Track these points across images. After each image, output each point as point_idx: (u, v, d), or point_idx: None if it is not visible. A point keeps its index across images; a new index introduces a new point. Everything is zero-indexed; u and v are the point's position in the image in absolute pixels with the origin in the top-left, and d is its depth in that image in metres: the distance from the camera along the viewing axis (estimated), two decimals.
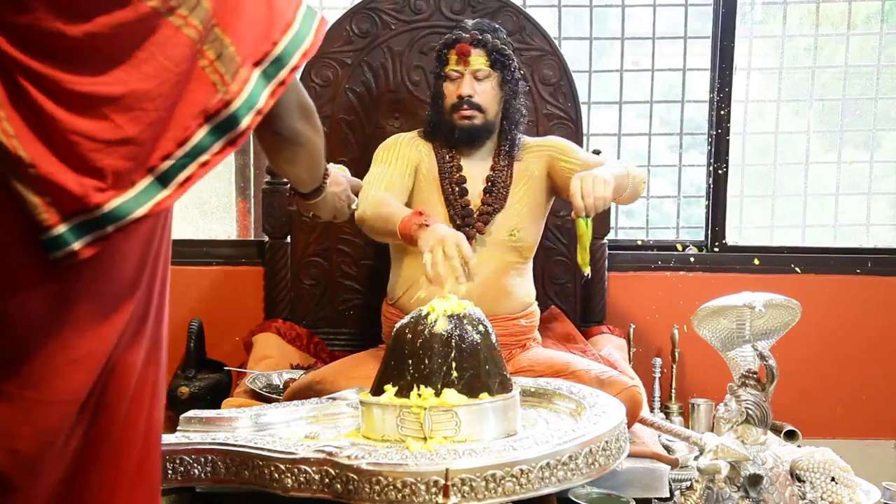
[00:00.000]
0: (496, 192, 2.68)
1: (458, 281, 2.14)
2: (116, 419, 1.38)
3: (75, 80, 1.25)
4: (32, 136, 1.24)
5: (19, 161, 1.23)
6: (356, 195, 2.01)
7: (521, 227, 2.66)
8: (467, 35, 2.64)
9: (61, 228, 1.26)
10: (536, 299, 2.81)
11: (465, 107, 2.62)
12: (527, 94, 2.81)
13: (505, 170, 2.70)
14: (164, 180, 1.30)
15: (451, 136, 2.68)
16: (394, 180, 2.63)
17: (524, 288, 2.73)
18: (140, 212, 1.29)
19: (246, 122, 1.33)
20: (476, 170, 2.70)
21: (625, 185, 2.50)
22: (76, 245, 1.27)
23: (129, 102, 1.26)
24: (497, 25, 2.74)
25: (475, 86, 2.63)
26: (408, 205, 2.62)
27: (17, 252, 1.27)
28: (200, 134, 1.31)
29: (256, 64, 1.33)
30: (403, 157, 2.69)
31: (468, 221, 2.64)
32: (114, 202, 1.27)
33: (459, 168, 2.69)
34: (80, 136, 1.25)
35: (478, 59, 2.63)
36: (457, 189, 2.67)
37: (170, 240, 1.47)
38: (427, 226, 2.26)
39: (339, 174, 1.93)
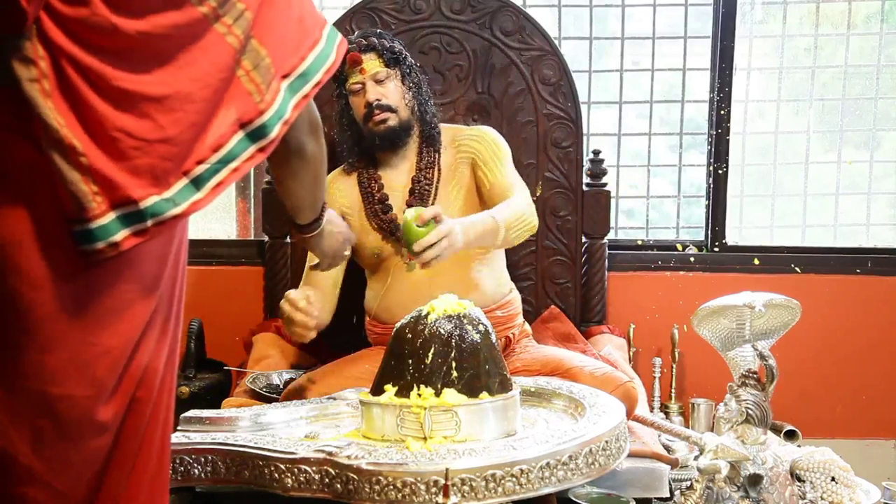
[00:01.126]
0: (419, 189, 2.65)
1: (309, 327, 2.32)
2: (142, 422, 1.40)
3: (122, 77, 1.28)
4: (79, 127, 1.26)
5: (73, 149, 1.26)
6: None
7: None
8: (354, 44, 2.63)
9: (106, 219, 1.28)
10: (535, 298, 2.81)
11: (377, 111, 2.61)
12: (429, 82, 2.80)
13: (430, 167, 2.67)
14: (198, 183, 1.34)
15: (371, 147, 2.67)
16: (308, 267, 2.63)
17: (493, 279, 2.69)
18: (177, 210, 1.32)
19: (276, 131, 1.39)
20: (401, 177, 2.69)
21: (486, 243, 2.43)
22: (118, 236, 1.29)
23: (173, 104, 1.30)
24: (381, 31, 2.74)
25: (379, 90, 2.62)
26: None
27: (50, 245, 1.29)
28: (234, 140, 1.36)
29: (284, 76, 1.39)
30: None
31: (399, 235, 2.58)
32: (152, 199, 1.30)
33: (381, 187, 2.68)
34: (122, 132, 1.28)
35: (372, 63, 2.63)
36: (379, 208, 2.66)
37: (187, 243, 1.49)
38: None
39: (336, 216, 1.98)
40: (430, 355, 1.96)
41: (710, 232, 3.47)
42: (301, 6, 1.44)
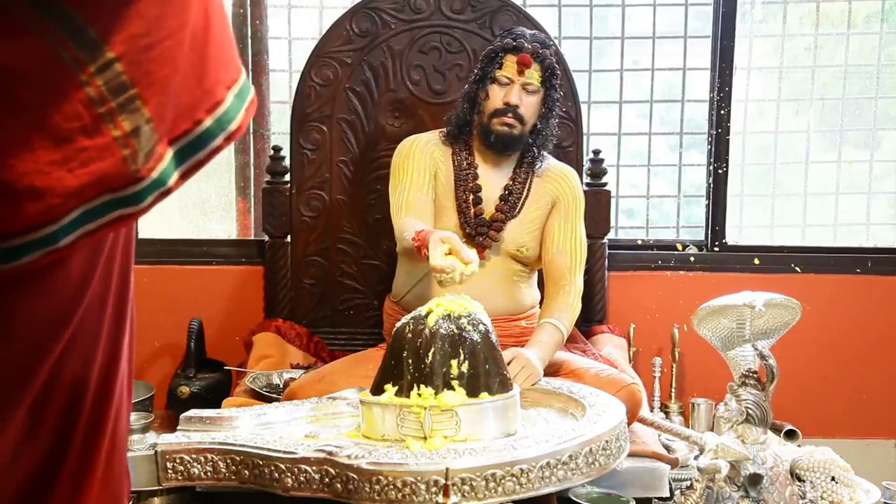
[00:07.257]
0: (511, 201, 2.68)
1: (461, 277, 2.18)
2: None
3: None
4: None
5: None
6: None
7: (530, 246, 2.68)
8: (529, 46, 2.62)
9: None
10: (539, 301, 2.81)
11: (510, 115, 2.61)
12: (561, 117, 2.79)
13: (524, 182, 2.70)
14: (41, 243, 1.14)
15: (484, 139, 2.67)
16: (411, 197, 2.63)
17: (530, 294, 2.76)
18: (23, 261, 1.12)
19: (148, 201, 1.19)
20: (495, 179, 2.70)
21: (555, 351, 2.54)
22: None
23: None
24: (550, 42, 2.72)
25: (523, 97, 2.63)
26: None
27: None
28: (94, 203, 1.15)
29: (172, 142, 1.18)
30: (418, 166, 2.68)
31: (480, 231, 2.64)
32: None
33: (476, 176, 2.69)
34: None
35: (533, 73, 2.62)
36: (471, 197, 2.67)
37: (128, 251, 1.36)
38: (425, 248, 2.27)
39: None
40: (431, 355, 1.97)
41: (710, 232, 3.46)
42: (204, 58, 1.22)
